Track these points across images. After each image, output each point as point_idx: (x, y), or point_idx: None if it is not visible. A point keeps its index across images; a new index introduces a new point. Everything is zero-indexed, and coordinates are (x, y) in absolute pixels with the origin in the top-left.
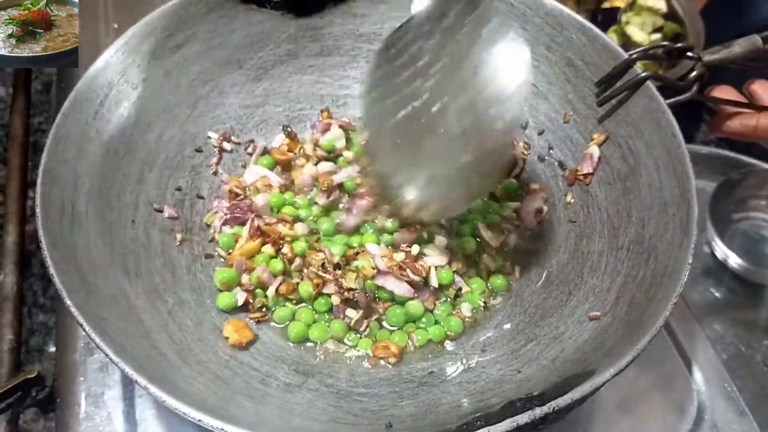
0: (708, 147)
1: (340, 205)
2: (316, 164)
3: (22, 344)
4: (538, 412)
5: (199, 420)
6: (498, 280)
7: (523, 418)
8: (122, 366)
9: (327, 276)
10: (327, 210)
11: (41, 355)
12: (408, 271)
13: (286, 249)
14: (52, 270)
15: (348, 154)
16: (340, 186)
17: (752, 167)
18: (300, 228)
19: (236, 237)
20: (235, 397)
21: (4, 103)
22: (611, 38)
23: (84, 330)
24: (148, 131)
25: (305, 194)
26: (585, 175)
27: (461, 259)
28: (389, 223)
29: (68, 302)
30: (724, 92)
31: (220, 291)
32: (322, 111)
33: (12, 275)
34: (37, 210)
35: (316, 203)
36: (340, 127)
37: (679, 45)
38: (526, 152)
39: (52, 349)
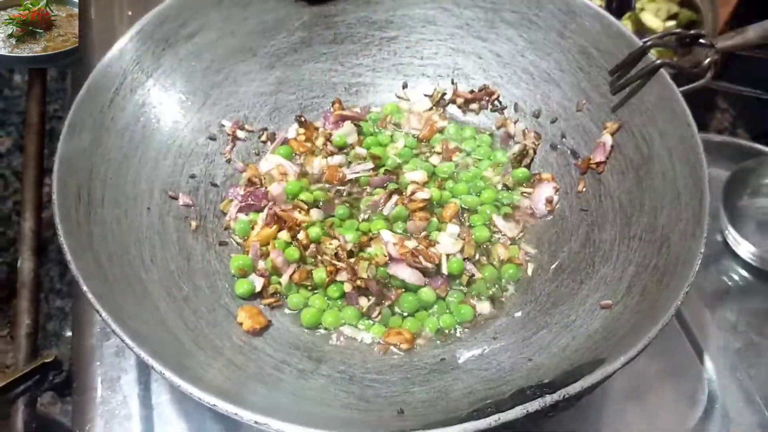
0: (721, 135)
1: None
2: (326, 157)
3: (40, 329)
4: (549, 399)
5: (214, 405)
6: (510, 270)
7: (533, 406)
8: (138, 351)
9: (340, 264)
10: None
11: (58, 339)
12: (421, 258)
13: (301, 235)
14: (68, 257)
15: (361, 151)
16: (352, 180)
17: (765, 155)
18: (315, 214)
19: (252, 224)
20: (248, 382)
21: (20, 90)
22: (625, 25)
23: (100, 316)
24: (162, 119)
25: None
26: (598, 164)
27: (473, 246)
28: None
29: (85, 288)
30: None
31: (236, 277)
32: (333, 103)
33: (29, 261)
34: (54, 197)
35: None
36: (353, 122)
37: (692, 32)
38: (536, 141)
39: (69, 333)
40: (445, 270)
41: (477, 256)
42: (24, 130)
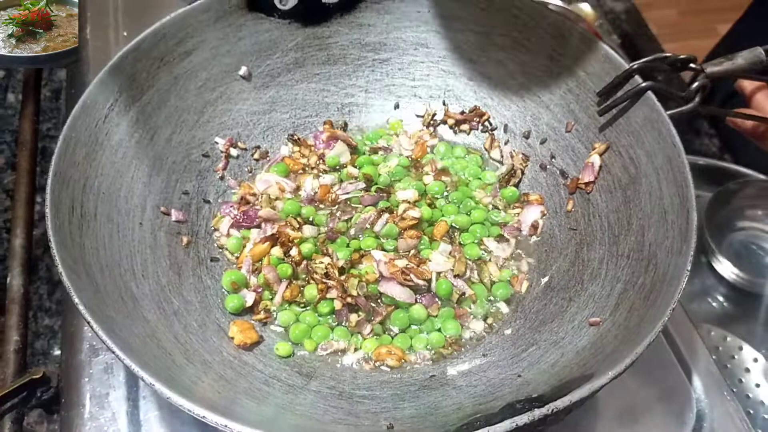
0: (705, 158)
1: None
2: (318, 176)
3: (28, 347)
4: (537, 413)
5: (203, 417)
6: (501, 289)
7: (522, 419)
8: (128, 363)
9: (330, 282)
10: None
11: (46, 358)
12: (412, 275)
13: (294, 251)
14: (60, 269)
15: (353, 170)
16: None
17: (748, 178)
18: (308, 230)
19: (244, 240)
20: (238, 397)
21: (13, 109)
22: None
23: (91, 327)
24: (156, 135)
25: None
26: (586, 184)
27: (464, 264)
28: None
29: (76, 300)
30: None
31: (228, 292)
32: (324, 123)
33: (19, 277)
34: (47, 210)
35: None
36: (345, 143)
37: (682, 56)
38: (524, 162)
39: (57, 352)
40: (434, 288)
41: (468, 274)
42: (17, 148)
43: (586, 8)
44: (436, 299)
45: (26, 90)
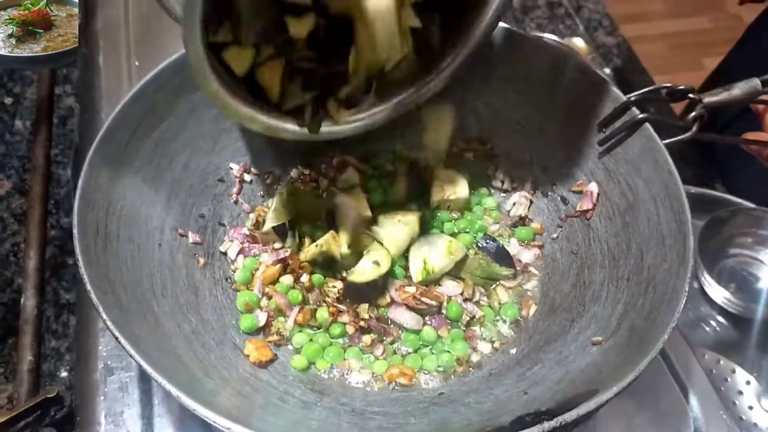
0: (697, 187)
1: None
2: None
3: None
4: (547, 426)
5: (228, 428)
6: (510, 310)
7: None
8: (155, 376)
9: (342, 306)
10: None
11: (53, 380)
12: (424, 299)
13: (304, 278)
14: (89, 287)
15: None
16: None
17: (739, 206)
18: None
19: (256, 266)
20: (255, 411)
21: (21, 136)
22: None
23: (120, 343)
24: (174, 161)
25: None
26: (586, 211)
27: (472, 287)
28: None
29: (104, 317)
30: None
31: (242, 312)
32: (334, 148)
33: (32, 299)
34: (75, 231)
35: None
36: (356, 169)
37: (681, 87)
38: (530, 192)
39: (65, 373)
40: (444, 311)
41: (477, 296)
42: (31, 173)
43: (579, 43)
44: (447, 321)
45: (39, 116)
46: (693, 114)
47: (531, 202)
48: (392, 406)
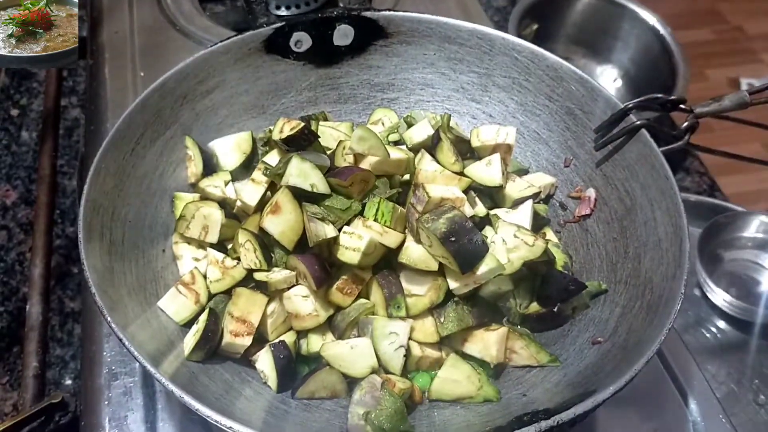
0: (696, 195)
1: None
2: None
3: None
4: (544, 425)
5: (230, 427)
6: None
7: (529, 431)
8: (159, 377)
9: None
10: None
11: (57, 387)
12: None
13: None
14: (94, 290)
15: None
16: None
17: (736, 212)
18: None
19: None
20: (257, 413)
21: (27, 146)
22: None
23: (122, 343)
24: (179, 168)
25: None
26: (583, 216)
27: None
28: None
29: (109, 319)
30: None
31: None
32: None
33: (38, 305)
34: (80, 235)
35: None
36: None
37: (672, 98)
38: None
39: (69, 381)
40: None
41: None
42: (37, 183)
43: None
44: None
45: (45, 127)
46: (685, 124)
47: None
48: None
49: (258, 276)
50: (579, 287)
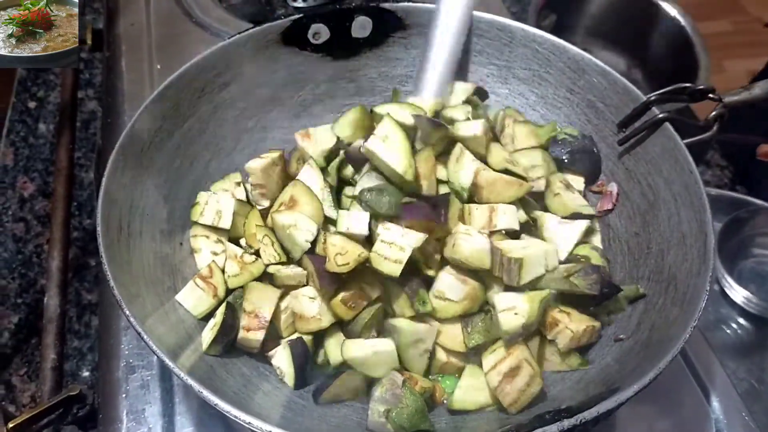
0: (716, 189)
1: None
2: None
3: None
4: (566, 423)
5: (249, 423)
6: None
7: (551, 429)
8: (177, 372)
9: None
10: None
11: (75, 379)
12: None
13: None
14: (112, 283)
15: None
16: None
17: (758, 207)
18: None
19: None
20: (276, 408)
21: (44, 139)
22: None
23: (141, 338)
24: (196, 161)
25: None
26: (605, 211)
27: None
28: None
29: (127, 312)
30: None
31: None
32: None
33: (55, 298)
34: (98, 228)
35: None
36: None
37: (700, 87)
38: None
39: (86, 373)
40: None
41: None
42: (55, 175)
43: None
44: None
45: (62, 120)
46: (713, 113)
47: None
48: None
49: (270, 268)
50: (612, 290)
